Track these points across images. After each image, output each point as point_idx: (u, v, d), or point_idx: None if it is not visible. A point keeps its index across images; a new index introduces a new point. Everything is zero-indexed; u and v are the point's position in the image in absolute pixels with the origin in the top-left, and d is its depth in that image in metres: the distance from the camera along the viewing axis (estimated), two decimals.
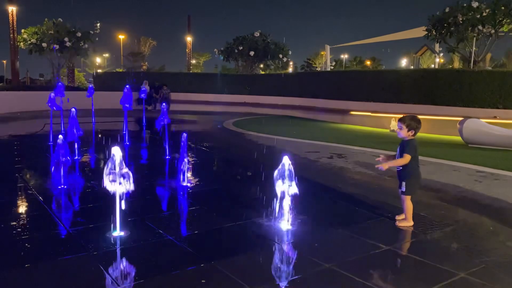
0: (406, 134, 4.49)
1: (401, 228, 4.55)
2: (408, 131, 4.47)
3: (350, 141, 11.17)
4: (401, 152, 4.50)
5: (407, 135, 4.49)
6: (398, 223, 4.62)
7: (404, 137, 4.53)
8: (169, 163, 8.02)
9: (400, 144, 4.59)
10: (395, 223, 4.68)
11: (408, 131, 4.47)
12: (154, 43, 45.98)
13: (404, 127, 4.48)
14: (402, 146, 4.53)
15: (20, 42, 23.28)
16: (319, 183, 6.82)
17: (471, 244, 4.19)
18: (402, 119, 4.52)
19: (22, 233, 4.20)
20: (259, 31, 24.79)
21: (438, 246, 4.14)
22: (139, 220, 4.59)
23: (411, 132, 4.48)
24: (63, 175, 5.89)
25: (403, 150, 4.47)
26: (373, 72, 26.24)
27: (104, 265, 3.47)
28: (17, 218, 4.76)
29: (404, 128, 4.48)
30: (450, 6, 17.64)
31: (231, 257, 3.76)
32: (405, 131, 4.48)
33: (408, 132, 4.48)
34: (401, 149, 4.51)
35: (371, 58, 73.18)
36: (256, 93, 22.06)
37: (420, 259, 3.77)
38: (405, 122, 4.48)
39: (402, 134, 4.52)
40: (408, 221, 4.60)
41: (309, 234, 4.36)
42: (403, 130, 4.49)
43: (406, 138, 4.52)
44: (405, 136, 4.51)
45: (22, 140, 11.42)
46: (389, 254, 3.92)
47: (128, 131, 10.51)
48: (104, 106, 17.86)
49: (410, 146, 4.46)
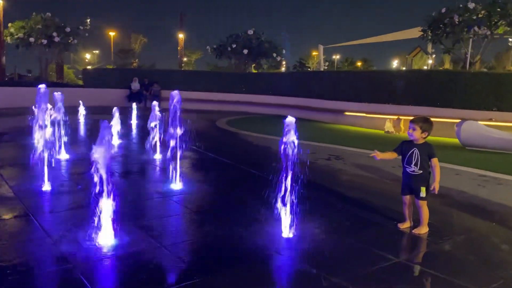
0: (419, 136, 4.23)
1: (418, 236, 4.27)
2: (422, 132, 4.21)
3: (346, 142, 10.90)
4: (426, 156, 4.25)
5: (420, 137, 4.22)
6: (417, 231, 4.35)
7: (416, 139, 4.27)
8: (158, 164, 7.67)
9: (417, 146, 4.29)
10: (397, 227, 4.46)
11: (421, 132, 4.21)
12: (145, 40, 45.37)
13: (418, 128, 4.21)
14: (424, 149, 4.26)
15: (7, 37, 22.64)
16: (316, 186, 6.48)
17: (486, 256, 3.91)
18: (415, 121, 4.26)
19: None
20: (253, 29, 24.43)
21: (452, 258, 3.85)
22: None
23: (425, 134, 4.23)
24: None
25: (429, 154, 4.25)
26: (366, 72, 26.03)
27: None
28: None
29: (418, 129, 4.22)
30: (447, 7, 17.49)
31: (224, 269, 3.43)
32: (419, 132, 4.22)
33: (422, 134, 4.21)
34: (425, 152, 4.25)
35: (363, 59, 73.20)
36: (249, 91, 21.74)
37: (433, 273, 3.46)
38: (419, 124, 4.21)
39: (415, 136, 4.25)
40: (426, 227, 4.36)
41: (311, 243, 4.02)
42: (416, 131, 4.22)
43: (417, 140, 4.27)
44: (417, 138, 4.25)
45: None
46: (399, 267, 3.61)
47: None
48: (92, 103, 17.38)
49: (434, 149, 4.27)
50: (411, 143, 4.36)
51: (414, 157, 4.29)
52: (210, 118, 16.72)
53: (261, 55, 25.01)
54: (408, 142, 4.40)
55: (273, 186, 4.18)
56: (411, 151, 4.31)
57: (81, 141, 10.25)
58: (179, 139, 5.88)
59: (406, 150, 4.35)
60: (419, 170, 4.27)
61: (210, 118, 16.74)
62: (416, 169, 4.28)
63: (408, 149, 4.33)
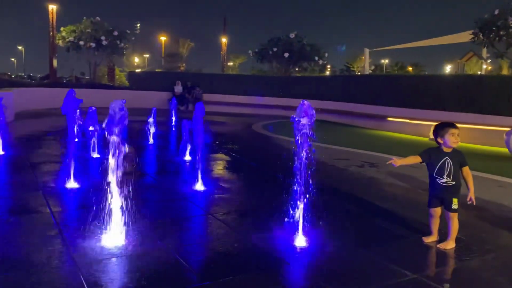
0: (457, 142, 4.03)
1: (445, 251, 3.95)
2: (438, 137, 4.08)
3: (385, 149, 10.46)
4: (458, 167, 3.97)
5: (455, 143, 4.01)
6: (443, 245, 4.03)
7: (450, 146, 4.00)
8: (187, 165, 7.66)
9: (448, 155, 4.00)
10: (422, 240, 4.16)
11: (438, 137, 4.07)
12: (192, 44, 46.09)
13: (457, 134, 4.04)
14: (454, 158, 3.98)
15: (59, 40, 23.75)
16: (343, 194, 6.22)
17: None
18: (455, 126, 4.04)
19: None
20: (295, 32, 24.13)
21: (477, 277, 3.50)
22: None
23: (441, 139, 4.06)
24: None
25: (460, 164, 3.98)
26: (412, 77, 25.02)
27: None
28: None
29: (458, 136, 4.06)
30: (501, 9, 16.46)
31: (232, 276, 3.29)
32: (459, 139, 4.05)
33: (438, 138, 4.07)
34: (456, 162, 3.97)
35: (413, 64, 70.86)
36: (290, 96, 21.51)
37: None
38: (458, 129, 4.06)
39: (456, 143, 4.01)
40: (453, 242, 4.05)
41: (323, 254, 3.80)
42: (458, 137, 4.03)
43: (453, 147, 4.01)
44: (448, 144, 4.01)
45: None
46: (417, 284, 3.32)
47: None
48: (136, 105, 17.79)
49: (465, 158, 4.00)
50: (441, 152, 4.02)
51: (446, 167, 3.96)
52: (248, 122, 16.67)
53: (303, 59, 24.65)
54: (436, 150, 4.07)
55: (293, 193, 4.00)
56: (442, 160, 3.98)
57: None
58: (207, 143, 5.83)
59: (435, 160, 4.01)
60: (452, 181, 3.95)
61: (247, 122, 16.69)
62: (449, 180, 3.95)
63: (439, 158, 4.00)
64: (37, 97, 18.25)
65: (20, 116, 14.51)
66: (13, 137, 9.47)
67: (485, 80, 14.73)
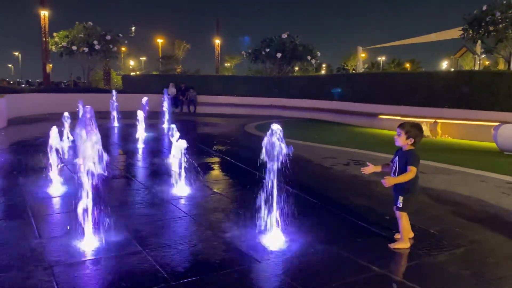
0: (404, 143, 3.94)
1: (396, 251, 3.95)
2: (407, 138, 3.91)
3: (373, 146, 10.52)
4: (403, 164, 3.92)
5: (406, 143, 3.94)
6: (392, 244, 4.03)
7: (402, 146, 3.98)
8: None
9: (399, 154, 4.03)
10: (394, 237, 4.19)
11: (407, 138, 3.91)
12: (188, 46, 46.12)
13: (403, 133, 3.92)
14: (403, 156, 3.95)
15: (52, 46, 23.84)
16: (324, 192, 6.28)
17: (481, 271, 3.59)
18: (402, 125, 3.98)
19: None
20: (287, 32, 24.19)
21: (443, 271, 3.56)
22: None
23: (410, 141, 3.91)
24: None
25: (406, 162, 3.90)
26: (402, 74, 25.03)
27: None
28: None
29: (403, 135, 3.93)
30: (488, 4, 16.53)
31: (205, 274, 3.36)
32: (404, 138, 3.93)
33: (407, 140, 3.92)
34: (403, 160, 3.93)
35: (410, 60, 70.95)
36: (283, 95, 21.61)
37: (414, 286, 3.22)
38: (404, 129, 3.93)
39: (400, 142, 3.97)
40: (404, 243, 4.01)
41: (294, 252, 3.87)
42: (401, 137, 3.94)
43: (404, 147, 3.97)
44: (403, 144, 3.96)
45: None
46: (382, 279, 3.39)
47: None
48: (129, 108, 17.85)
49: (414, 158, 3.89)
50: (398, 151, 4.08)
51: (394, 165, 4.03)
52: (241, 122, 16.73)
53: (296, 59, 24.71)
54: (398, 150, 4.13)
55: (271, 193, 4.07)
56: (394, 158, 4.06)
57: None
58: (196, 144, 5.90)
59: (393, 158, 4.10)
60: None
61: (240, 122, 16.76)
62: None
63: (394, 157, 4.08)
64: (31, 103, 18.36)
65: (13, 122, 14.59)
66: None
67: (473, 75, 14.76)
